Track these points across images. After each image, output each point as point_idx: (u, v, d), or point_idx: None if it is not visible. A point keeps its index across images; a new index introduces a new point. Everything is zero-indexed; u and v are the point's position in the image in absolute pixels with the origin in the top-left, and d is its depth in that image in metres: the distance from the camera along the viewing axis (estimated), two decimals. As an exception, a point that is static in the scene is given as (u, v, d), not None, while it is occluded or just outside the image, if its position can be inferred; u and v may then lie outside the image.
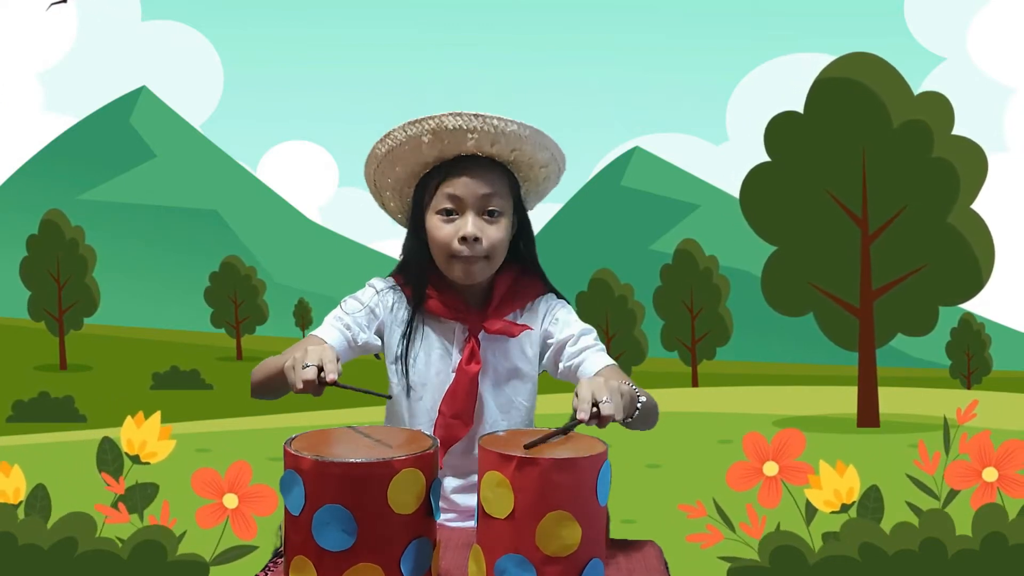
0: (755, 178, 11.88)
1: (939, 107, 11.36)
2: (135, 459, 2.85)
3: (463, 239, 1.83)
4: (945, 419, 3.07)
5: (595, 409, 1.51)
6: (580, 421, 1.51)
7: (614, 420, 1.55)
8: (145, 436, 2.84)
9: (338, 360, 1.54)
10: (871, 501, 3.13)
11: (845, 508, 3.03)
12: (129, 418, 2.85)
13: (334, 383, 1.50)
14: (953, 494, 3.05)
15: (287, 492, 1.37)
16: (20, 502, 2.98)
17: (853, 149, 11.46)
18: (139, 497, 2.92)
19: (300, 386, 1.51)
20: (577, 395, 1.55)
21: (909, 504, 3.16)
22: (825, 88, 11.67)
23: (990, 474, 2.97)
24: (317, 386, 1.51)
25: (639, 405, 1.70)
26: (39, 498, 3.03)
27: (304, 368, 1.50)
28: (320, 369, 1.51)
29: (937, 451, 2.98)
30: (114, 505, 2.89)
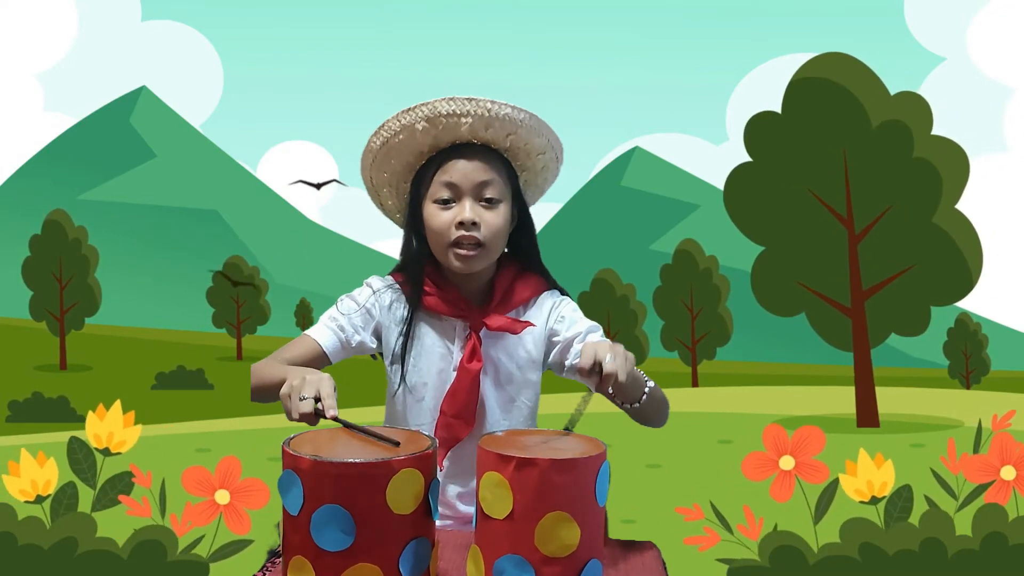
0: (738, 178, 11.78)
1: (917, 107, 11.22)
2: (105, 452, 2.84)
3: (461, 224, 1.80)
4: (980, 422, 3.07)
5: (598, 376, 1.53)
6: (582, 411, 1.51)
7: (617, 382, 1.54)
8: (110, 427, 2.83)
9: (335, 389, 1.51)
10: (901, 500, 3.12)
11: (875, 500, 3.01)
12: (91, 413, 2.83)
13: (335, 419, 1.49)
14: (975, 494, 3.04)
15: (285, 492, 1.37)
16: (49, 495, 2.96)
17: (834, 149, 11.33)
18: (160, 497, 2.91)
19: (296, 417, 1.49)
20: (581, 354, 1.55)
21: (927, 498, 3.16)
22: (801, 88, 11.54)
23: (1008, 472, 2.97)
24: (314, 417, 1.49)
25: (646, 390, 1.71)
26: (67, 495, 3.02)
27: (301, 400, 1.49)
28: (317, 400, 1.49)
29: (964, 452, 2.98)
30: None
